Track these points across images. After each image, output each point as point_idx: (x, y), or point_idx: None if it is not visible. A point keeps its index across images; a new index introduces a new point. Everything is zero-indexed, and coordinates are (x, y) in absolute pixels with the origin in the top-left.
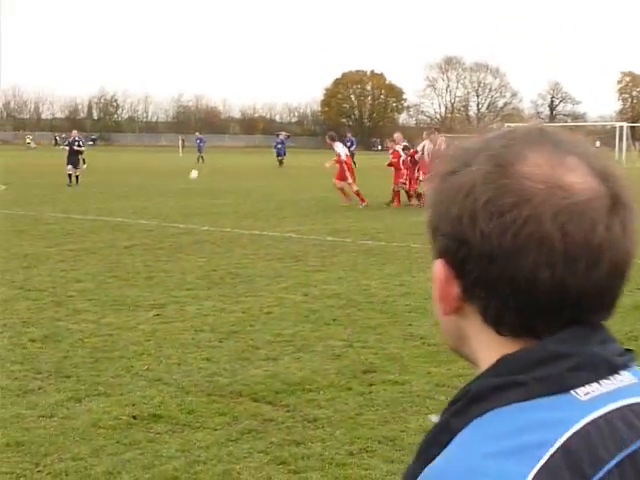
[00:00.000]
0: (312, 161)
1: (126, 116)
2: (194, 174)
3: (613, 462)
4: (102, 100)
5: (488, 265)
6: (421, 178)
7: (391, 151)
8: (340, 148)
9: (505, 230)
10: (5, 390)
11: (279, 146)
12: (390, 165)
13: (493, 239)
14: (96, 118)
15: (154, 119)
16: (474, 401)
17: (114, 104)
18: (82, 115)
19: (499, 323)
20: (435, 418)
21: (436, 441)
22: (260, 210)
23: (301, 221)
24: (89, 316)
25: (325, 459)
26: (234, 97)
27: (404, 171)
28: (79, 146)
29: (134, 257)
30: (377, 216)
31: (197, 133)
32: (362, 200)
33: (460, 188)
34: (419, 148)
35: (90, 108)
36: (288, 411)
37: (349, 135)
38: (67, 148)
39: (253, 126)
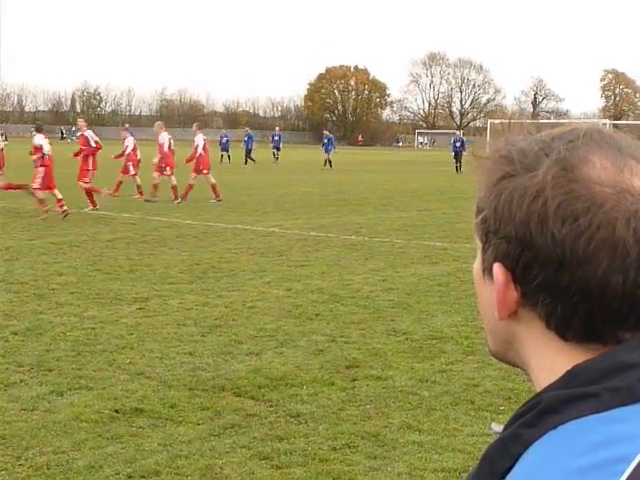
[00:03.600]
0: (296, 155)
1: (109, 109)
2: None
3: None
4: (85, 93)
5: (557, 271)
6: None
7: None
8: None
9: (579, 235)
10: None
11: (276, 139)
12: (77, 154)
13: (566, 245)
14: (79, 111)
15: (137, 112)
16: (546, 413)
17: (97, 97)
18: (65, 108)
19: (564, 329)
20: (497, 427)
21: (507, 452)
22: (243, 204)
23: (284, 216)
24: (71, 309)
25: (308, 454)
26: (217, 91)
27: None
28: None
29: (117, 250)
30: (360, 211)
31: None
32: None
33: (525, 192)
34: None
35: (73, 101)
36: (271, 406)
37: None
38: None
39: (236, 120)
